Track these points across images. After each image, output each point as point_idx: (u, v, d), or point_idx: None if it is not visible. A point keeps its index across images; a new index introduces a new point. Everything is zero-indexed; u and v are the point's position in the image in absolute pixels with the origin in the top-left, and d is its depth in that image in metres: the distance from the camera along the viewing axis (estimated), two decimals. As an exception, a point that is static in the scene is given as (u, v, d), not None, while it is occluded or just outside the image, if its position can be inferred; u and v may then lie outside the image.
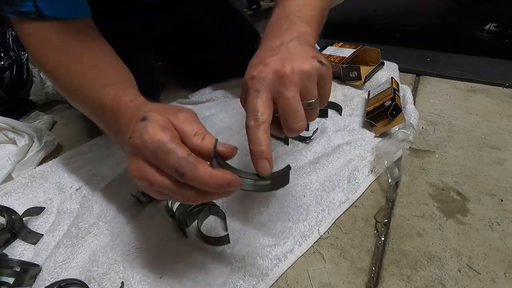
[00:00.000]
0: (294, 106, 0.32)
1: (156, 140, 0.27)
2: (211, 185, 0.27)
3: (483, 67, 0.87)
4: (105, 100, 0.36)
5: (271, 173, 0.31)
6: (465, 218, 0.47)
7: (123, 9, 0.62)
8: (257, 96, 0.32)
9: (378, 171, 0.55)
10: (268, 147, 0.31)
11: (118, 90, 0.36)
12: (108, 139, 0.71)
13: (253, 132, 0.31)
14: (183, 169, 0.27)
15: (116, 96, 0.36)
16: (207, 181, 0.27)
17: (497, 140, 0.61)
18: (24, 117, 0.85)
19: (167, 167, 0.28)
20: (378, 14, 1.50)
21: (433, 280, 0.39)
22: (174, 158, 0.27)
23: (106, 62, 0.43)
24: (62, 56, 0.42)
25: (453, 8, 1.44)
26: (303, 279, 0.41)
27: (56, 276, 0.42)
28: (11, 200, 0.56)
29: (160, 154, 0.27)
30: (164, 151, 0.27)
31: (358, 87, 0.81)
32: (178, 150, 0.27)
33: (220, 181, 0.27)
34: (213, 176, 0.27)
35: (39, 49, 0.43)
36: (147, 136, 0.28)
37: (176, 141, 0.28)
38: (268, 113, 0.32)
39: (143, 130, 0.28)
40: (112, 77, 0.40)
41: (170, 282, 0.41)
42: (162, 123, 0.29)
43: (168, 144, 0.27)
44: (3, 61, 0.80)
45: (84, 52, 0.42)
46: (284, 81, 0.32)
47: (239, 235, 0.46)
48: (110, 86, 0.37)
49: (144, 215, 0.51)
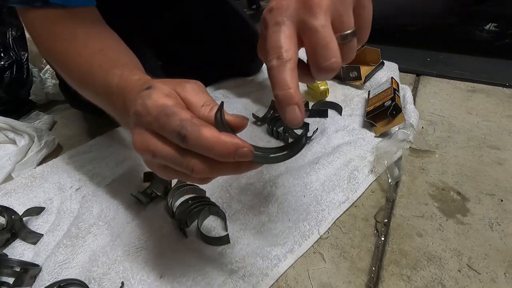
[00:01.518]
0: (325, 38, 0.25)
1: (159, 104, 0.26)
2: (218, 150, 0.24)
3: (483, 67, 0.87)
4: (112, 81, 0.35)
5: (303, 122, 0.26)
6: (465, 218, 0.47)
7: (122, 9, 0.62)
8: (278, 30, 0.26)
9: (378, 171, 0.55)
10: (297, 90, 0.25)
11: (124, 70, 0.35)
12: (109, 137, 0.71)
13: (278, 73, 0.25)
14: (186, 131, 0.24)
15: (123, 76, 0.34)
16: (213, 144, 0.24)
17: (497, 140, 0.61)
18: (24, 117, 0.85)
19: (169, 131, 0.25)
20: (378, 14, 1.50)
21: (433, 280, 0.39)
22: (177, 120, 0.24)
23: (112, 47, 0.42)
24: (68, 43, 0.42)
25: (453, 8, 1.44)
26: (303, 279, 0.41)
27: (56, 276, 0.42)
28: (11, 200, 0.56)
29: (162, 117, 0.25)
30: (166, 113, 0.25)
31: (358, 87, 0.81)
32: (181, 112, 0.25)
33: (227, 145, 0.24)
34: (219, 139, 0.24)
35: (44, 37, 0.44)
36: (150, 101, 0.26)
37: (179, 106, 0.26)
38: (293, 49, 0.26)
39: (145, 97, 0.26)
40: (119, 60, 0.40)
41: (170, 282, 0.41)
42: (167, 91, 0.27)
43: (171, 107, 0.25)
44: (3, 61, 0.80)
45: (90, 38, 0.42)
46: (311, 7, 0.25)
47: (239, 235, 0.46)
48: (117, 68, 0.36)
49: (144, 215, 0.51)
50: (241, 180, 0.55)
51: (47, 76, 0.92)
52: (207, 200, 0.51)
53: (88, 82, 0.41)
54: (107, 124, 0.75)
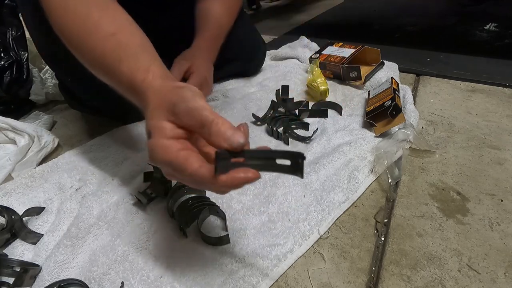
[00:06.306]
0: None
1: (166, 161, 0.30)
2: (230, 188, 0.29)
3: (483, 67, 0.87)
4: (121, 78, 0.38)
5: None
6: (465, 218, 0.47)
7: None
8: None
9: (378, 171, 0.55)
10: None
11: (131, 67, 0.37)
12: (109, 137, 0.71)
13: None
14: (198, 183, 0.30)
15: (130, 75, 0.37)
16: (225, 186, 0.28)
17: (497, 140, 0.61)
18: (24, 117, 0.85)
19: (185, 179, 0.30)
20: (378, 14, 1.50)
21: (433, 280, 0.39)
22: (187, 174, 0.29)
23: (124, 29, 0.43)
24: (81, 23, 0.42)
25: (453, 8, 1.44)
26: (303, 279, 0.41)
27: (56, 276, 0.42)
28: (11, 200, 0.56)
29: (175, 172, 0.30)
30: (177, 169, 0.29)
31: (358, 87, 0.81)
32: (187, 167, 0.29)
33: (237, 183, 0.28)
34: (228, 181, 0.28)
35: (59, 14, 0.44)
36: (158, 158, 0.30)
37: (183, 155, 0.29)
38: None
39: (153, 152, 0.31)
40: (130, 46, 0.41)
41: (170, 282, 0.41)
42: (167, 134, 0.30)
43: (176, 163, 0.29)
44: (3, 61, 0.80)
45: (103, 18, 0.42)
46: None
47: (239, 235, 0.46)
48: (125, 60, 0.38)
49: (144, 215, 0.51)
50: (241, 180, 0.55)
51: (47, 76, 0.92)
52: (207, 200, 0.51)
53: (100, 67, 0.42)
54: (107, 124, 0.75)
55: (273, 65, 0.98)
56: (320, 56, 0.89)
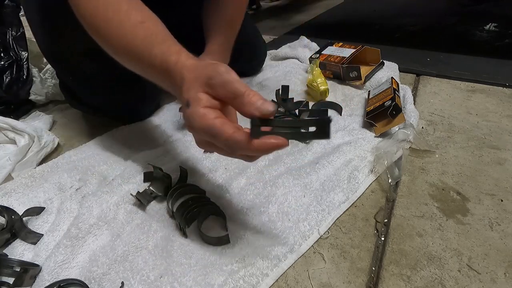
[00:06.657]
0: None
1: (203, 126, 0.32)
2: (261, 153, 0.32)
3: (483, 67, 0.87)
4: (155, 61, 0.40)
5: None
6: (465, 218, 0.47)
7: None
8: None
9: (378, 171, 0.55)
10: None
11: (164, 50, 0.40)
12: (109, 137, 0.71)
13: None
14: (232, 148, 0.32)
15: (163, 58, 0.39)
16: (257, 150, 0.31)
17: (497, 140, 0.61)
18: (24, 117, 0.85)
19: (220, 145, 0.33)
20: (378, 14, 1.50)
21: (433, 280, 0.39)
22: (223, 139, 0.32)
23: (150, 19, 0.45)
24: (111, 12, 0.43)
25: (453, 8, 1.44)
26: (303, 279, 0.41)
27: (56, 276, 0.42)
28: (11, 200, 0.56)
29: (210, 137, 0.33)
30: (213, 135, 0.32)
31: (358, 87, 0.81)
32: (223, 132, 0.31)
33: (268, 148, 0.31)
34: (261, 146, 0.31)
35: (88, 6, 0.45)
36: (196, 124, 0.33)
37: (219, 121, 0.32)
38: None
39: (190, 119, 0.33)
40: (159, 33, 0.43)
41: (170, 282, 0.41)
42: (204, 103, 0.33)
43: (214, 128, 0.32)
44: (3, 61, 0.80)
45: (132, 8, 0.44)
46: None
47: (239, 235, 0.46)
48: (157, 45, 0.40)
49: (144, 215, 0.51)
50: (241, 180, 0.55)
51: (47, 76, 0.92)
52: (207, 200, 0.51)
53: (130, 53, 0.43)
54: (107, 124, 0.75)
55: (273, 65, 0.98)
56: (320, 56, 0.89)
